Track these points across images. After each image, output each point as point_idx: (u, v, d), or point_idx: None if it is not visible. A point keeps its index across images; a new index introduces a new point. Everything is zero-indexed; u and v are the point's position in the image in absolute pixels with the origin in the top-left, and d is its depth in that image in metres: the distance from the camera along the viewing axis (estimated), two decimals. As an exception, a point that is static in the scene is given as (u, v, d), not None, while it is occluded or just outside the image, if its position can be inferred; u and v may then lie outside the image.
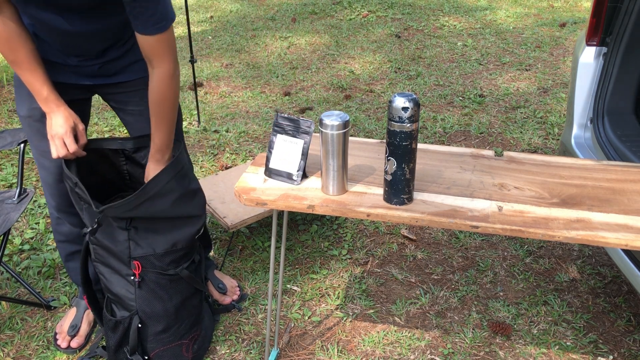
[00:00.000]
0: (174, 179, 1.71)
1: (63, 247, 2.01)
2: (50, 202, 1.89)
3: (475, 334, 2.10)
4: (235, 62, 4.86)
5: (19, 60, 1.56)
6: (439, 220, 1.41)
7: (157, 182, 1.66)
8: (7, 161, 3.29)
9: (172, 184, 1.71)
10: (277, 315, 1.97)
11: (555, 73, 4.46)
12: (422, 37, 5.35)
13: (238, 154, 3.35)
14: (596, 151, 2.25)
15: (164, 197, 1.69)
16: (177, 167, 1.72)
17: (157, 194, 1.67)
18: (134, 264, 1.73)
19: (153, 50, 1.58)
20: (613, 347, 2.04)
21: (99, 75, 1.76)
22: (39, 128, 1.75)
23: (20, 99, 1.75)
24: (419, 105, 1.36)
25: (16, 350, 2.04)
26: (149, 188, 1.64)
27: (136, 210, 1.65)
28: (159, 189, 1.67)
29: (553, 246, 2.56)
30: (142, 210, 1.66)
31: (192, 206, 1.80)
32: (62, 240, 1.99)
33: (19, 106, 1.76)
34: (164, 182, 1.67)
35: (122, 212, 1.65)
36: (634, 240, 1.32)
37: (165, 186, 1.68)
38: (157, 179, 1.66)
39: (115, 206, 1.62)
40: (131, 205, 1.63)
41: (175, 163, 1.71)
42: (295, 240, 2.61)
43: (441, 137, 3.52)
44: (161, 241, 1.76)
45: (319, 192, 1.53)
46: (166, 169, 1.68)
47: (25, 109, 1.74)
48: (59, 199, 1.87)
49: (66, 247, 2.01)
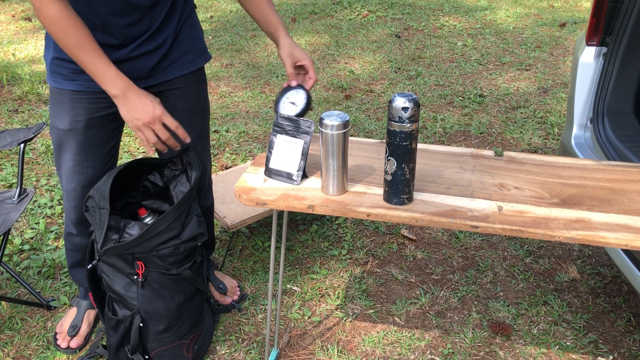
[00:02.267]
0: (177, 219, 1.74)
1: (71, 256, 2.02)
2: (71, 215, 1.88)
3: (475, 334, 2.10)
4: (235, 62, 4.86)
5: (82, 40, 1.45)
6: (439, 220, 1.41)
7: (161, 224, 1.69)
8: (7, 161, 3.29)
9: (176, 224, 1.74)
10: (277, 315, 1.97)
11: (555, 73, 4.46)
12: (422, 37, 5.35)
13: (238, 154, 3.35)
14: (596, 151, 2.25)
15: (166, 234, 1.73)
16: (181, 209, 1.74)
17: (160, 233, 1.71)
18: (138, 264, 1.74)
19: None
20: (613, 347, 2.04)
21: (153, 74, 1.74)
22: (79, 140, 1.74)
23: (61, 111, 1.71)
24: (419, 105, 1.36)
25: (16, 350, 2.04)
26: (152, 229, 1.68)
27: (138, 246, 1.70)
28: (162, 229, 1.70)
29: (553, 246, 2.56)
30: (142, 247, 1.71)
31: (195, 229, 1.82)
32: (71, 249, 2.00)
33: (59, 119, 1.72)
34: (166, 223, 1.71)
35: (123, 250, 1.70)
36: (634, 240, 1.32)
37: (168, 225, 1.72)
38: (161, 221, 1.68)
39: (118, 247, 1.67)
40: (135, 244, 1.68)
41: (181, 204, 1.73)
42: (295, 240, 2.61)
43: (441, 137, 3.52)
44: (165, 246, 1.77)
45: (319, 192, 1.53)
46: (172, 211, 1.70)
47: (67, 121, 1.71)
48: (80, 211, 1.86)
49: (74, 256, 2.02)
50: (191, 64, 1.82)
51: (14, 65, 4.72)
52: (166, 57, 1.75)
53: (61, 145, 1.77)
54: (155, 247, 1.72)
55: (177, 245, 1.78)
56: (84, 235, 1.94)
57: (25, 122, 3.75)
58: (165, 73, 1.77)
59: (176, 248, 1.77)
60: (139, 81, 1.71)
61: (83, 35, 1.45)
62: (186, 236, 1.77)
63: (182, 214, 1.75)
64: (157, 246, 1.72)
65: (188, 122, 1.86)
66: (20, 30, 5.76)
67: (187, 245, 1.79)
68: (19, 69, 4.61)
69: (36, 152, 3.38)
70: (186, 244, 1.79)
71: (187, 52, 1.80)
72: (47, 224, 2.72)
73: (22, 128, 2.23)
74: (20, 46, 5.22)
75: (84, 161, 1.77)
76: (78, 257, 2.01)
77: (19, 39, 5.46)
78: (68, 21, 1.43)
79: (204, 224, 1.86)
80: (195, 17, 1.84)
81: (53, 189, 3.00)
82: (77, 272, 2.06)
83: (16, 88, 4.23)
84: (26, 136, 2.16)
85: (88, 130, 1.73)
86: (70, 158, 1.78)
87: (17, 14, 6.35)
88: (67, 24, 1.43)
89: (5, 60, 4.86)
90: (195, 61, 1.84)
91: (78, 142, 1.75)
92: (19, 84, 4.29)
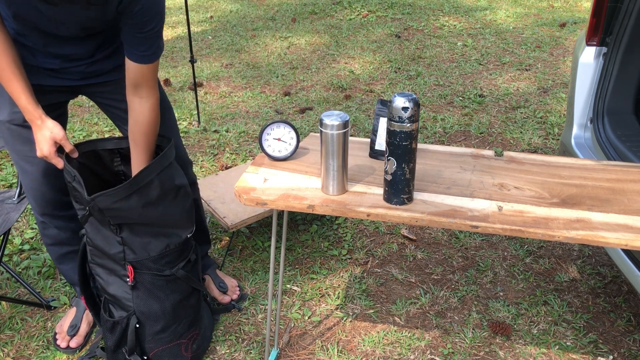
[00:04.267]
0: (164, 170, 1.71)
1: (53, 250, 2.00)
2: (35, 206, 1.88)
3: (475, 334, 2.10)
4: (235, 62, 4.86)
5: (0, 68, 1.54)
6: (439, 220, 1.41)
7: (149, 172, 1.65)
8: (7, 161, 3.29)
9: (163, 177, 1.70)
10: (277, 315, 1.97)
11: (555, 73, 4.46)
12: (422, 37, 5.35)
13: (238, 154, 3.35)
14: (596, 151, 2.25)
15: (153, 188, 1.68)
16: (165, 161, 1.71)
17: (147, 185, 1.66)
18: (128, 269, 1.73)
19: (143, 77, 1.59)
20: (613, 347, 2.04)
21: (86, 77, 1.74)
22: (20, 132, 1.73)
23: (1, 102, 1.72)
24: (419, 105, 1.36)
25: (16, 350, 2.04)
26: (140, 178, 1.63)
27: (127, 200, 1.63)
28: (150, 179, 1.66)
29: (553, 246, 2.56)
30: (133, 202, 1.64)
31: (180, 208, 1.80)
32: (50, 244, 1.98)
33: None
34: (154, 172, 1.67)
35: (113, 202, 1.62)
36: (634, 240, 1.32)
37: (156, 177, 1.67)
38: (148, 169, 1.65)
39: (106, 194, 1.60)
40: (122, 195, 1.61)
41: (165, 156, 1.71)
42: (295, 240, 2.61)
43: (441, 137, 3.52)
44: (154, 244, 1.75)
45: (319, 192, 1.53)
46: (157, 161, 1.67)
47: (5, 113, 1.71)
48: (42, 202, 1.85)
49: (56, 249, 1.99)
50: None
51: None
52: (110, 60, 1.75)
53: (5, 137, 1.77)
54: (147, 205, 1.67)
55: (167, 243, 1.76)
56: (56, 225, 1.92)
57: (25, 122, 3.75)
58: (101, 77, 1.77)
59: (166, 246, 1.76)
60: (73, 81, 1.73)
61: (2, 63, 1.53)
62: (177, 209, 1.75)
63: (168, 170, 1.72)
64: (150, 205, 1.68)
65: None
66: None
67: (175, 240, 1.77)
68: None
69: (36, 152, 3.38)
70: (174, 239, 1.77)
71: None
72: (47, 224, 2.72)
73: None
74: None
75: (29, 151, 1.75)
76: (60, 250, 1.99)
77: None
78: None
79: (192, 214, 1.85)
80: None
81: (53, 189, 3.00)
82: (65, 266, 2.04)
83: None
84: (26, 136, 2.16)
85: (27, 122, 1.71)
86: (16, 150, 1.77)
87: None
88: None
89: None
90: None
91: (20, 134, 1.73)
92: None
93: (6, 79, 1.56)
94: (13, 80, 1.56)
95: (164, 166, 1.71)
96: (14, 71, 1.55)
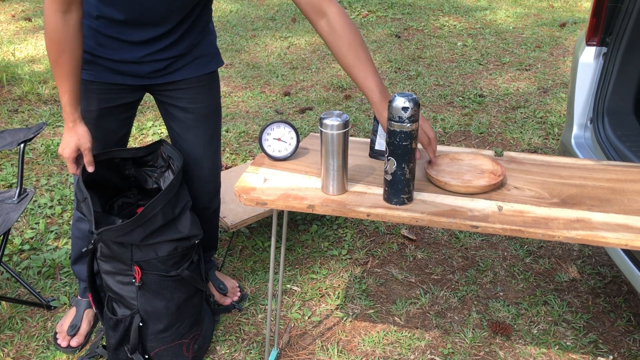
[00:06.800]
0: (168, 204, 1.72)
1: (77, 245, 2.03)
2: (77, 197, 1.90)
3: (475, 334, 2.10)
4: (235, 62, 4.86)
5: (61, 63, 1.56)
6: (439, 220, 1.41)
7: (152, 208, 1.68)
8: (7, 161, 3.29)
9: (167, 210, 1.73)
10: (277, 315, 1.97)
11: (555, 73, 4.46)
12: (422, 37, 5.35)
13: (238, 154, 3.35)
14: (596, 151, 2.25)
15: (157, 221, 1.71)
16: (170, 194, 1.73)
17: (151, 219, 1.69)
18: (134, 269, 1.74)
19: None
20: (613, 347, 2.04)
21: (164, 74, 1.76)
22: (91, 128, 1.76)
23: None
24: (419, 105, 1.36)
25: (16, 350, 2.04)
26: (144, 214, 1.66)
27: (130, 234, 1.67)
28: (154, 214, 1.69)
29: (553, 246, 2.56)
30: (136, 234, 1.68)
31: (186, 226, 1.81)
32: (78, 237, 2.02)
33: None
34: (158, 207, 1.69)
35: (117, 236, 1.67)
36: (634, 240, 1.32)
37: (159, 211, 1.70)
38: (152, 205, 1.67)
39: (111, 229, 1.65)
40: (126, 230, 1.66)
41: (170, 189, 1.73)
42: (295, 240, 2.61)
43: (441, 137, 3.52)
44: (164, 245, 1.76)
45: (319, 192, 1.53)
46: (161, 196, 1.69)
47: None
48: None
49: (79, 244, 2.03)
50: (203, 67, 1.83)
51: (14, 65, 4.72)
52: (178, 61, 1.76)
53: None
54: (149, 235, 1.69)
55: (176, 245, 1.78)
56: None
57: (25, 122, 3.75)
58: (175, 74, 1.79)
59: (175, 249, 1.77)
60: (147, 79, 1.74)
61: (65, 60, 1.55)
62: (183, 228, 1.77)
63: (172, 201, 1.74)
64: (152, 235, 1.70)
65: (199, 124, 1.86)
66: (20, 30, 5.76)
67: (184, 244, 1.79)
68: (19, 69, 4.61)
69: (36, 152, 3.38)
70: (183, 243, 1.78)
71: (200, 57, 1.81)
72: (47, 224, 2.72)
73: (22, 128, 2.23)
74: (20, 46, 5.22)
75: (94, 148, 1.79)
76: (84, 245, 2.02)
77: (19, 39, 5.46)
78: (59, 44, 1.53)
79: (198, 222, 1.86)
80: (211, 24, 1.85)
81: (53, 189, 3.00)
82: (80, 265, 2.07)
83: (16, 88, 4.23)
84: (26, 136, 2.16)
85: (99, 119, 1.77)
86: None
87: (17, 14, 6.35)
88: (57, 46, 1.53)
89: (5, 60, 4.86)
90: (208, 65, 1.85)
91: (90, 130, 1.76)
92: (19, 84, 4.29)
93: (61, 75, 1.58)
94: (66, 78, 1.59)
95: (169, 199, 1.73)
96: (71, 71, 1.58)
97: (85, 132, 1.66)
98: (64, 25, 1.51)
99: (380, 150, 1.69)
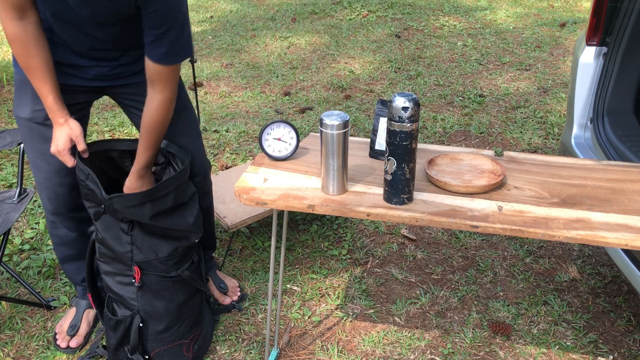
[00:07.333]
0: (181, 187, 1.72)
1: (59, 250, 2.01)
2: (47, 205, 1.88)
3: (475, 334, 2.10)
4: (235, 62, 4.86)
5: (31, 67, 1.57)
6: (439, 220, 1.41)
7: (168, 185, 1.67)
8: (7, 161, 3.29)
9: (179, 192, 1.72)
10: (277, 315, 1.97)
11: (555, 73, 4.46)
12: (422, 37, 5.35)
13: (238, 154, 3.35)
14: (596, 151, 2.25)
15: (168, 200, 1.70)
16: (184, 177, 1.74)
17: (164, 196, 1.68)
18: (134, 269, 1.74)
19: (159, 76, 1.58)
20: (613, 347, 2.04)
21: (112, 78, 1.76)
22: (40, 130, 1.74)
23: (22, 100, 1.74)
24: (419, 105, 1.36)
25: (16, 350, 2.04)
26: (159, 188, 1.66)
27: (141, 207, 1.65)
28: (168, 191, 1.68)
29: (553, 246, 2.56)
30: (146, 209, 1.66)
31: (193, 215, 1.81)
32: (58, 244, 1.99)
33: (20, 108, 1.75)
34: (173, 186, 1.69)
35: (127, 207, 1.64)
36: (634, 240, 1.32)
37: (173, 190, 1.69)
38: (168, 182, 1.67)
39: (123, 197, 1.63)
40: (137, 201, 1.64)
41: (183, 173, 1.73)
42: (295, 240, 2.61)
43: (441, 137, 3.52)
44: (164, 245, 1.76)
45: (319, 192, 1.53)
46: (177, 175, 1.69)
47: (28, 110, 1.73)
48: (55, 201, 1.86)
49: (62, 250, 2.00)
50: None
51: (14, 65, 4.71)
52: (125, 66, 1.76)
53: (24, 134, 1.78)
54: (158, 215, 1.68)
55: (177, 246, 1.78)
56: (66, 225, 1.93)
57: (25, 122, 3.75)
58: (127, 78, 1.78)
59: (175, 249, 1.77)
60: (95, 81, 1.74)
61: (36, 63, 1.57)
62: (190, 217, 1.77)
63: (184, 185, 1.74)
64: (161, 215, 1.69)
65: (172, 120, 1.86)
66: (20, 30, 5.76)
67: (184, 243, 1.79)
68: (19, 69, 4.61)
69: (36, 152, 3.38)
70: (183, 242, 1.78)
71: None
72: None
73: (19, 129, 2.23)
74: (20, 46, 5.22)
75: (47, 150, 1.76)
76: (67, 251, 2.00)
77: (19, 39, 5.46)
78: (25, 49, 1.55)
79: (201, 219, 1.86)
80: None
81: (53, 189, 3.00)
82: (69, 266, 2.05)
83: (16, 88, 4.22)
84: (26, 136, 2.16)
85: (48, 120, 1.73)
86: (34, 148, 1.78)
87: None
88: (23, 51, 1.55)
89: (5, 60, 4.86)
90: None
91: (40, 132, 1.75)
92: (19, 84, 4.28)
93: (37, 78, 1.59)
94: (43, 80, 1.59)
95: (183, 180, 1.73)
96: (45, 72, 1.58)
97: (76, 124, 1.66)
98: (23, 32, 1.52)
99: (381, 150, 1.69)
